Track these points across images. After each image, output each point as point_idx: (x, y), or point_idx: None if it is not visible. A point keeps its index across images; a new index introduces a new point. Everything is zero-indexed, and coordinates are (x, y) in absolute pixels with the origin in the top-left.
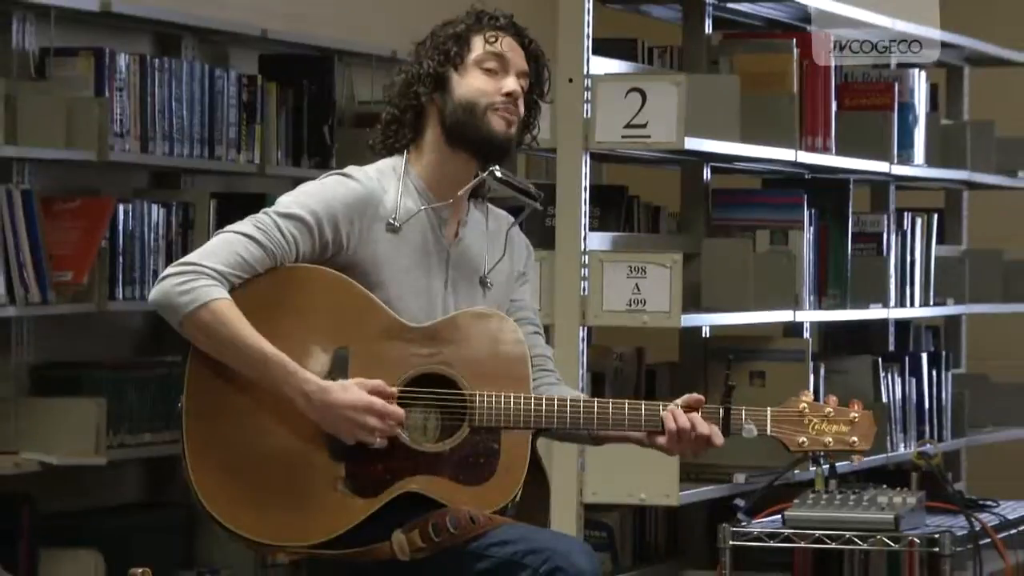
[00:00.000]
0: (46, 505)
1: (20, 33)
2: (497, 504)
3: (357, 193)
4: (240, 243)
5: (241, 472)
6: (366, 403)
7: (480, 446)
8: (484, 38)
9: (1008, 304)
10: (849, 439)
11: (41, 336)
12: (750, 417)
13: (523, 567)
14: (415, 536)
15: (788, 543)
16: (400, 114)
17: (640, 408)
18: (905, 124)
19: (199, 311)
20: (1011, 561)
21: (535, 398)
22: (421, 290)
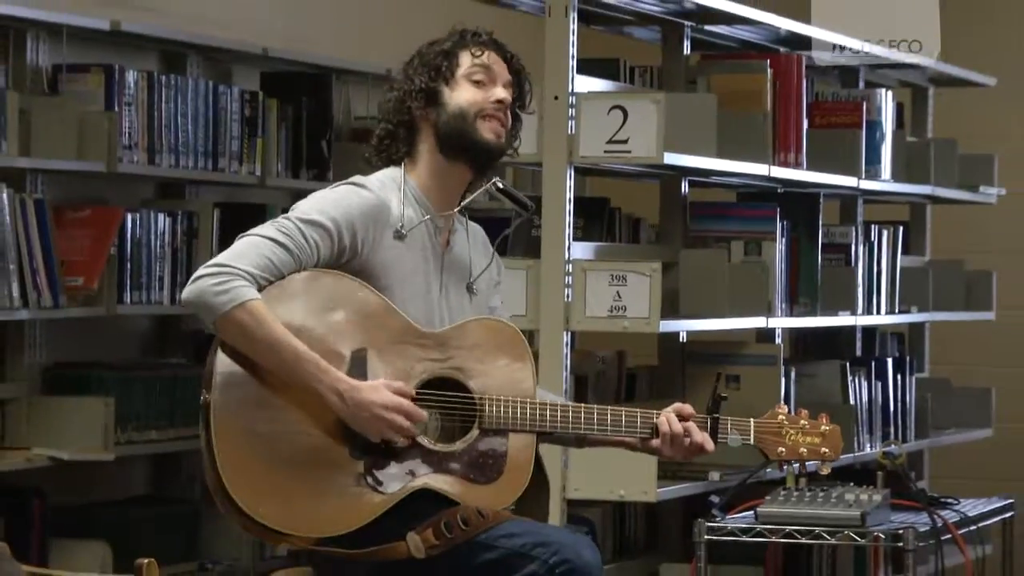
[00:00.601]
0: (56, 498)
1: (34, 50)
2: (506, 502)
3: (371, 202)
4: (267, 246)
5: (265, 464)
6: (396, 403)
7: (489, 447)
8: (471, 52)
9: (969, 312)
10: (821, 449)
11: (52, 338)
12: (735, 427)
13: (532, 559)
14: (429, 535)
15: (760, 538)
16: (394, 129)
17: (636, 414)
18: (872, 141)
19: (236, 311)
20: (971, 556)
21: (540, 403)
22: (422, 294)
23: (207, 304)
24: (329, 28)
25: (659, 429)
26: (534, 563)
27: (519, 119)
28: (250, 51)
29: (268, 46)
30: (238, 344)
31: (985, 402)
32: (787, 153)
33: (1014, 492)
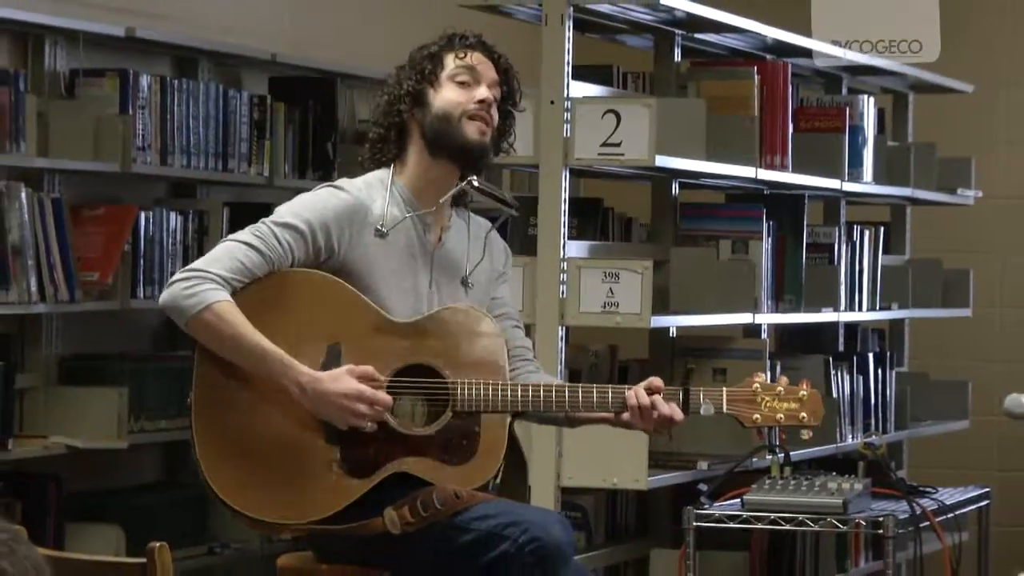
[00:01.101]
0: (72, 484)
1: (52, 56)
2: (479, 482)
3: (346, 203)
4: (241, 251)
5: (245, 458)
6: (356, 391)
7: (462, 429)
8: (455, 55)
9: (946, 309)
10: (799, 415)
11: (69, 331)
12: (707, 397)
13: (504, 538)
14: (405, 512)
15: (746, 525)
16: (385, 132)
17: (607, 391)
18: (855, 145)
19: (203, 312)
20: (948, 542)
21: (511, 385)
22: (408, 290)
23: (178, 307)
24: (334, 35)
25: (627, 403)
26: (506, 542)
27: (511, 116)
28: (259, 57)
29: (276, 52)
30: (209, 344)
31: (962, 395)
32: (773, 156)
33: (989, 481)
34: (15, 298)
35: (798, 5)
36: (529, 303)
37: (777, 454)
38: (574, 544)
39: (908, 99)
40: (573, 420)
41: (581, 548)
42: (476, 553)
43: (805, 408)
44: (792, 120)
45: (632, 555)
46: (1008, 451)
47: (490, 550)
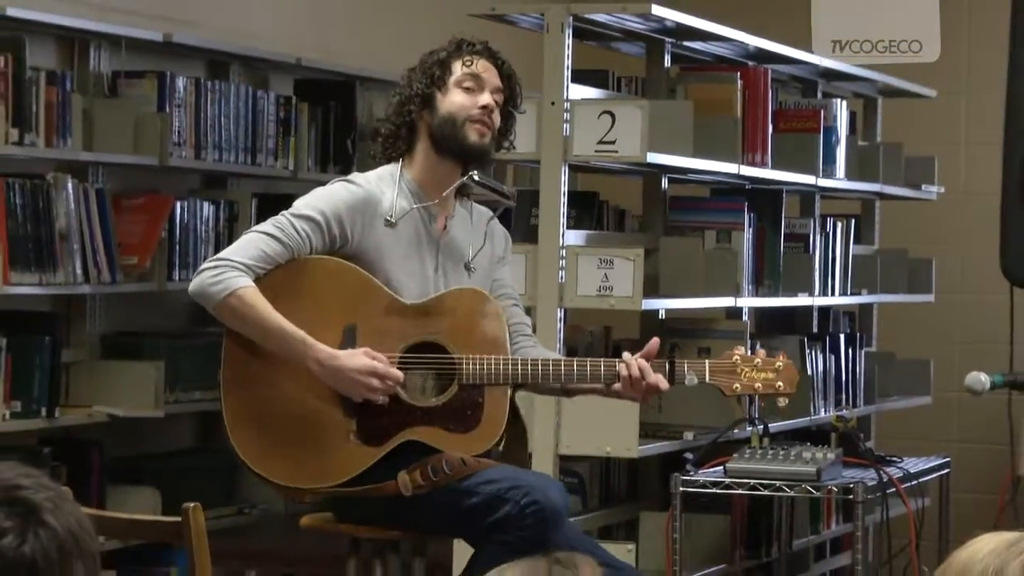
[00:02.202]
0: (113, 450)
1: (96, 59)
2: (483, 448)
3: (358, 195)
4: (263, 240)
5: (270, 430)
6: (370, 367)
7: (467, 401)
8: (463, 62)
9: (911, 295)
10: (776, 384)
11: (110, 310)
12: (691, 368)
13: (506, 501)
14: (416, 475)
15: (728, 490)
16: (396, 129)
17: (599, 364)
18: (829, 145)
19: (228, 298)
20: (912, 507)
21: (513, 360)
22: (416, 274)
23: (205, 294)
24: (354, 41)
25: (619, 374)
26: (508, 504)
27: (512, 117)
28: (285, 61)
29: (301, 57)
30: (235, 327)
31: (924, 373)
32: (754, 154)
33: (950, 452)
34: (62, 280)
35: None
36: (531, 287)
37: (757, 426)
38: (569, 507)
39: (877, 103)
40: (568, 391)
41: (576, 511)
42: (481, 514)
43: (781, 377)
44: (772, 121)
45: (623, 517)
46: (967, 424)
47: (494, 511)
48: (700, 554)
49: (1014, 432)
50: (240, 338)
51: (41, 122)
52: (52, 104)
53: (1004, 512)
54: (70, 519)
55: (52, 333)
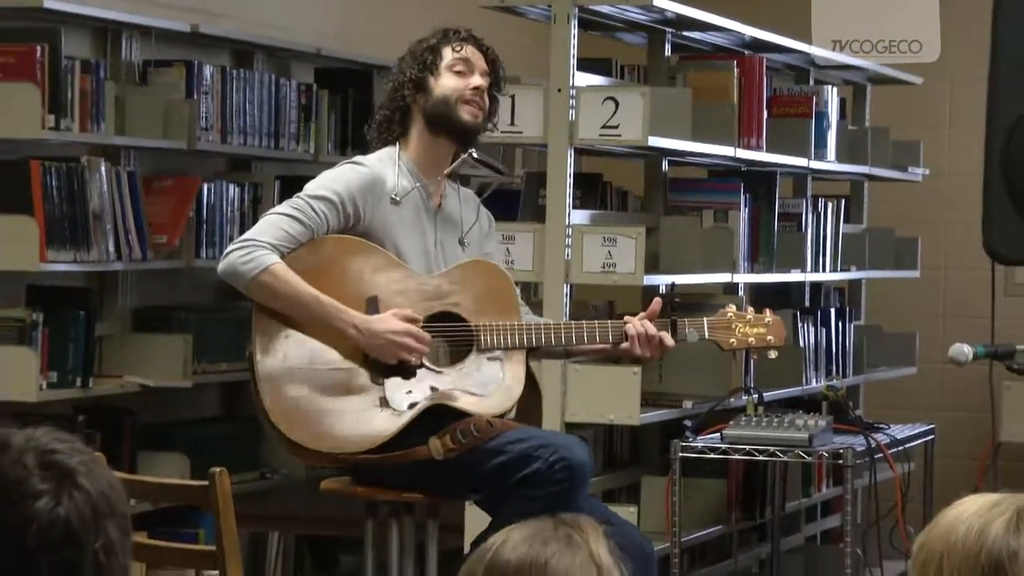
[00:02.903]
0: (144, 418)
1: (127, 48)
2: (501, 410)
3: (367, 176)
4: (284, 221)
5: (301, 399)
6: (404, 328)
7: (487, 365)
8: (452, 48)
9: (898, 271)
10: (767, 338)
11: (141, 286)
12: (691, 326)
13: (536, 458)
14: (447, 440)
15: (725, 455)
16: (391, 114)
17: (607, 325)
18: (820, 129)
19: (261, 275)
20: (899, 471)
21: (526, 325)
22: (419, 248)
23: (236, 272)
24: (371, 33)
25: (628, 333)
26: (537, 462)
27: (496, 100)
28: (306, 51)
29: (321, 47)
30: (267, 302)
31: (910, 345)
32: (750, 138)
33: (934, 419)
34: (95, 257)
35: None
36: (539, 264)
37: (752, 395)
38: (594, 466)
39: (866, 90)
40: (572, 353)
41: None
42: (510, 471)
43: (771, 332)
44: (766, 107)
45: (626, 481)
46: (950, 393)
47: (523, 468)
48: (698, 516)
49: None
50: (267, 313)
51: (76, 108)
52: (86, 91)
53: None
54: (102, 482)
55: (86, 308)
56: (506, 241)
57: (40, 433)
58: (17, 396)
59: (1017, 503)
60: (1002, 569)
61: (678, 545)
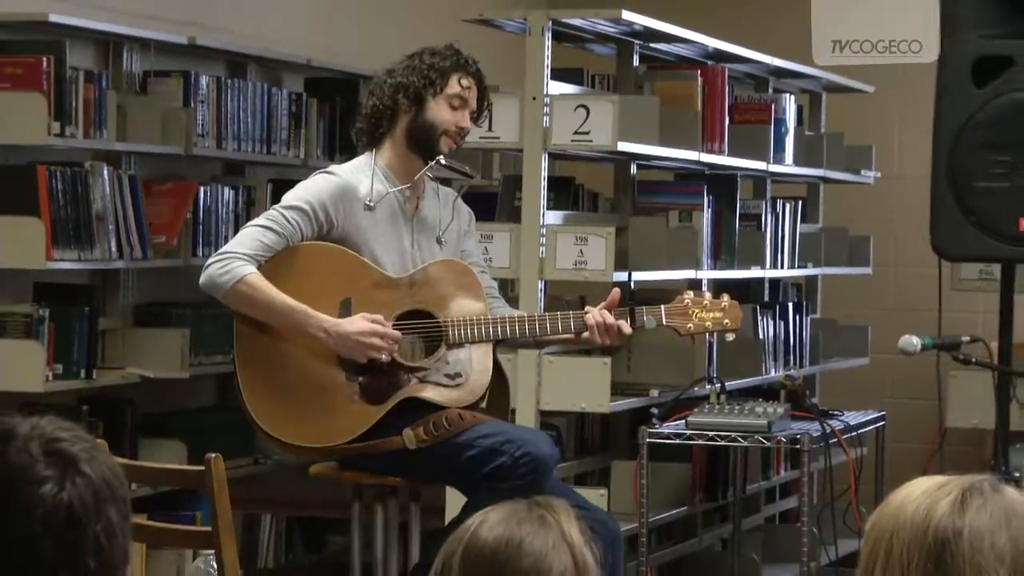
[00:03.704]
0: (144, 407)
1: (128, 59)
2: (471, 400)
3: (337, 184)
4: (259, 233)
5: (282, 398)
6: (371, 329)
7: (455, 359)
8: (459, 80)
9: (851, 268)
10: (723, 321)
11: (141, 283)
12: (649, 313)
13: (502, 453)
14: (420, 431)
15: (689, 441)
16: (383, 109)
17: (569, 316)
18: (778, 134)
19: (237, 285)
20: (852, 455)
21: (491, 319)
22: (395, 249)
23: (214, 284)
24: (358, 44)
25: (587, 323)
26: (504, 456)
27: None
28: (296, 61)
29: (310, 58)
30: (243, 310)
31: (863, 337)
32: (712, 143)
33: (885, 406)
34: (98, 256)
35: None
36: (515, 261)
37: (715, 384)
38: (557, 459)
39: (822, 97)
40: (541, 343)
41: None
42: (478, 464)
43: (728, 315)
44: (728, 114)
45: (596, 466)
46: (900, 382)
47: (490, 462)
48: (664, 498)
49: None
50: (248, 320)
51: (80, 116)
52: (89, 100)
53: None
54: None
55: (90, 303)
56: (484, 240)
57: (44, 422)
58: (24, 387)
59: (962, 484)
60: (948, 546)
61: (645, 525)
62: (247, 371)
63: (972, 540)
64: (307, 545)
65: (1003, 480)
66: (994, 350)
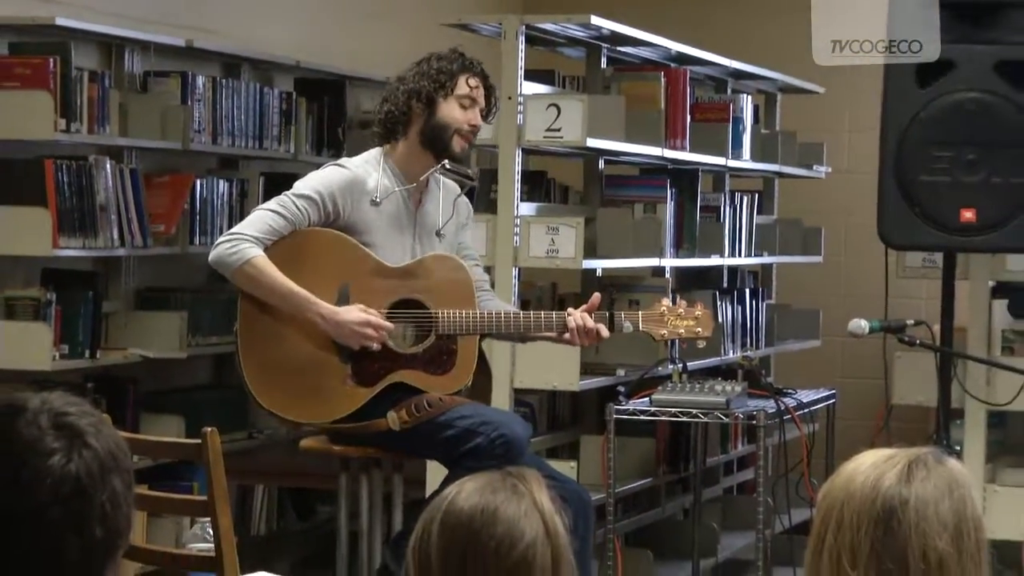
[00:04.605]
0: (145, 385)
1: (130, 60)
2: (456, 387)
3: (348, 177)
4: (269, 216)
5: (279, 374)
6: (364, 319)
7: (443, 348)
8: (467, 81)
9: (804, 256)
10: (696, 330)
11: (142, 269)
12: (627, 318)
13: (478, 434)
14: (403, 413)
15: (654, 417)
16: (398, 114)
17: (552, 317)
18: (737, 132)
19: (244, 266)
20: (804, 431)
21: (480, 313)
22: (397, 242)
23: (223, 263)
24: (345, 47)
25: (568, 326)
26: (480, 437)
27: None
28: (286, 63)
29: (300, 59)
30: (248, 290)
31: (814, 321)
32: (675, 140)
33: (835, 385)
34: (102, 244)
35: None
36: (491, 250)
37: (677, 364)
38: (530, 439)
39: (776, 98)
40: (524, 338)
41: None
42: (456, 443)
43: (700, 324)
44: (689, 113)
45: (567, 440)
46: (849, 362)
47: (467, 442)
48: (630, 470)
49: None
50: (252, 298)
51: (84, 113)
52: (93, 99)
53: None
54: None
55: (94, 288)
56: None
57: (53, 397)
58: (33, 366)
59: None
60: (895, 514)
61: (612, 495)
62: (248, 346)
63: (917, 508)
64: (297, 514)
65: (945, 453)
66: (936, 333)
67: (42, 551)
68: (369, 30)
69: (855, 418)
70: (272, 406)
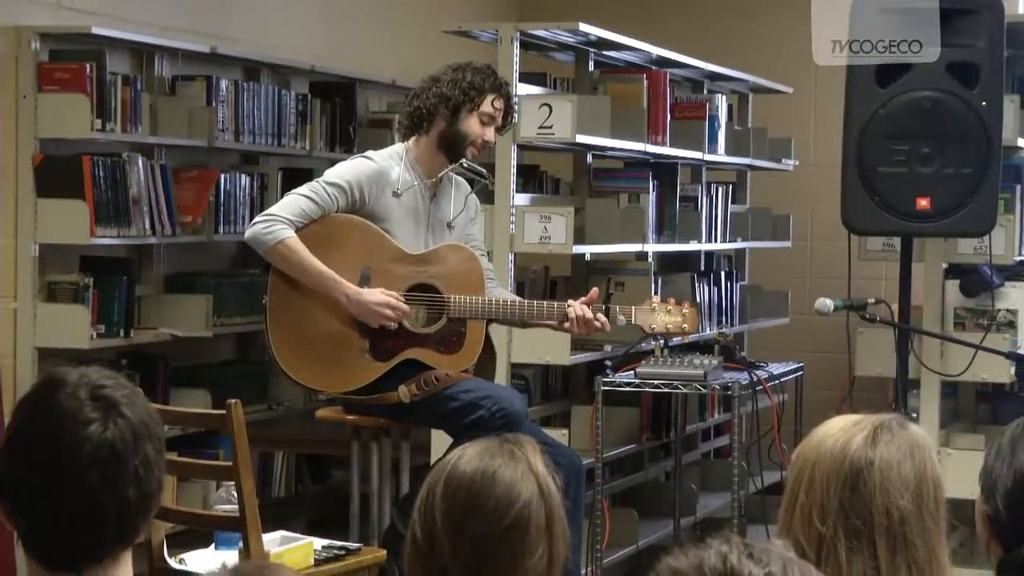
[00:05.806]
0: (174, 361)
1: (160, 66)
2: (463, 366)
3: (374, 168)
4: (303, 201)
5: (302, 344)
6: (385, 301)
7: (454, 330)
8: (492, 102)
9: (774, 242)
10: (683, 325)
11: (171, 256)
12: (622, 312)
13: (480, 407)
14: (413, 387)
15: (638, 389)
16: (424, 112)
17: (554, 306)
18: (712, 128)
19: (277, 245)
20: (775, 400)
21: (489, 299)
22: (412, 232)
23: (259, 240)
24: (355, 52)
25: (568, 316)
26: (482, 410)
27: None
28: (302, 67)
29: (315, 64)
30: (281, 267)
31: (784, 301)
32: (656, 136)
33: (803, 359)
34: (135, 233)
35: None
36: (489, 237)
37: (659, 340)
38: (527, 413)
39: (749, 97)
40: (526, 324)
41: None
42: (460, 415)
43: (687, 320)
44: (669, 111)
45: (559, 410)
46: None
47: (470, 414)
48: (616, 437)
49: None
50: (281, 274)
51: (118, 114)
52: (126, 100)
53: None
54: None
55: (128, 273)
56: None
57: (91, 371)
58: (72, 344)
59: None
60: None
61: (601, 460)
62: (276, 318)
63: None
64: (313, 478)
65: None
66: (895, 310)
67: (82, 510)
68: (377, 37)
69: (821, 388)
70: (295, 373)
